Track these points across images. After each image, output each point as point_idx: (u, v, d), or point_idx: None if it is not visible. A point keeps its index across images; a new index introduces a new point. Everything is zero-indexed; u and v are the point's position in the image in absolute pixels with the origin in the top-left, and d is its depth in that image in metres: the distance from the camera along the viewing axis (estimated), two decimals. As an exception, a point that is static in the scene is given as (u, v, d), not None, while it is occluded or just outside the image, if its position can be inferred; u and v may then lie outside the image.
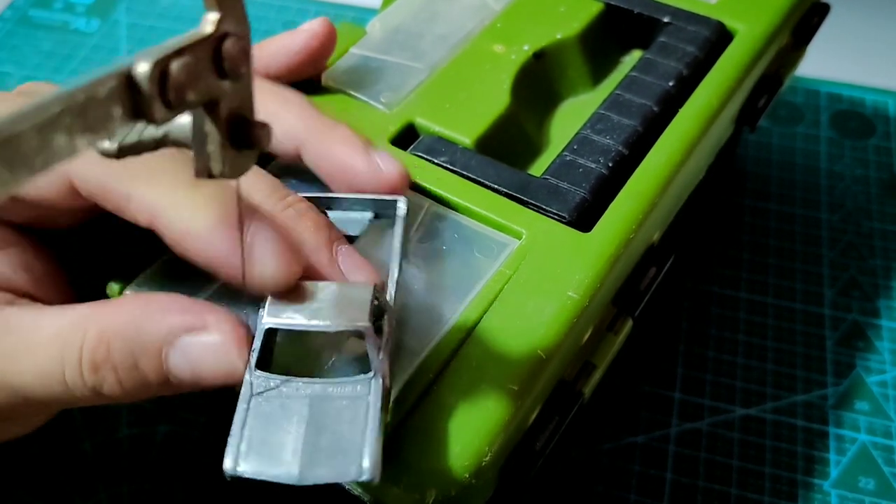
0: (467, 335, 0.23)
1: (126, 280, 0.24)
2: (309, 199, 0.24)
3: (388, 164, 0.24)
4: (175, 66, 0.14)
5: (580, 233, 0.25)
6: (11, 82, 0.48)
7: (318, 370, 0.21)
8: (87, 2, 0.54)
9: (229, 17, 0.15)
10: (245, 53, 0.16)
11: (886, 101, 0.47)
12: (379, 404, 0.19)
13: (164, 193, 0.20)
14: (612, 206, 0.26)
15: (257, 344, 0.20)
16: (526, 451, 0.22)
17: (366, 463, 0.18)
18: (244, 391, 0.20)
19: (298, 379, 0.20)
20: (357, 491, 0.22)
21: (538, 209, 0.26)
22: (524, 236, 0.25)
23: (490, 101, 0.29)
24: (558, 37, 0.32)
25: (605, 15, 0.33)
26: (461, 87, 0.30)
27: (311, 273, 0.22)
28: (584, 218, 0.26)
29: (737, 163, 0.43)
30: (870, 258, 0.39)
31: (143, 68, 0.14)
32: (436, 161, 0.27)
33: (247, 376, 0.20)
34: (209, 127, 0.15)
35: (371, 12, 0.49)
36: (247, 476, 0.18)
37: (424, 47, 0.31)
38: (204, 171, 0.16)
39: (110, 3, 0.54)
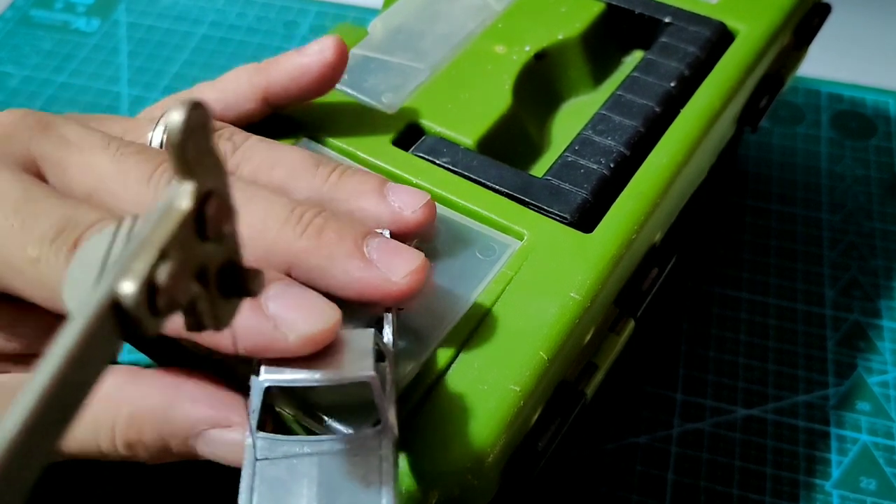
0: (469, 336, 0.23)
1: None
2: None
3: (409, 204, 0.23)
4: (161, 274, 0.13)
5: (582, 233, 0.25)
6: (11, 82, 0.48)
7: (320, 422, 0.21)
8: (88, 2, 0.54)
9: (203, 176, 0.14)
10: (229, 209, 0.15)
11: (887, 101, 0.47)
12: (392, 457, 0.19)
13: None
14: (613, 206, 0.26)
15: (256, 404, 0.19)
16: (528, 452, 0.22)
17: None
18: (247, 455, 0.19)
19: (303, 438, 0.19)
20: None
21: (540, 210, 0.26)
22: (526, 237, 0.25)
23: (491, 101, 0.29)
24: (560, 37, 0.32)
25: (607, 15, 0.33)
26: (463, 87, 0.30)
27: (348, 285, 0.21)
28: (585, 219, 0.26)
29: (738, 163, 0.43)
30: (871, 258, 0.39)
31: (128, 290, 0.12)
32: (437, 161, 0.27)
33: (248, 439, 0.19)
34: (197, 290, 0.14)
35: (372, 12, 0.49)
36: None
37: (426, 48, 0.31)
38: (195, 327, 0.15)
39: (110, 3, 0.54)
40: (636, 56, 0.34)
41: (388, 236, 0.22)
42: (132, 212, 0.20)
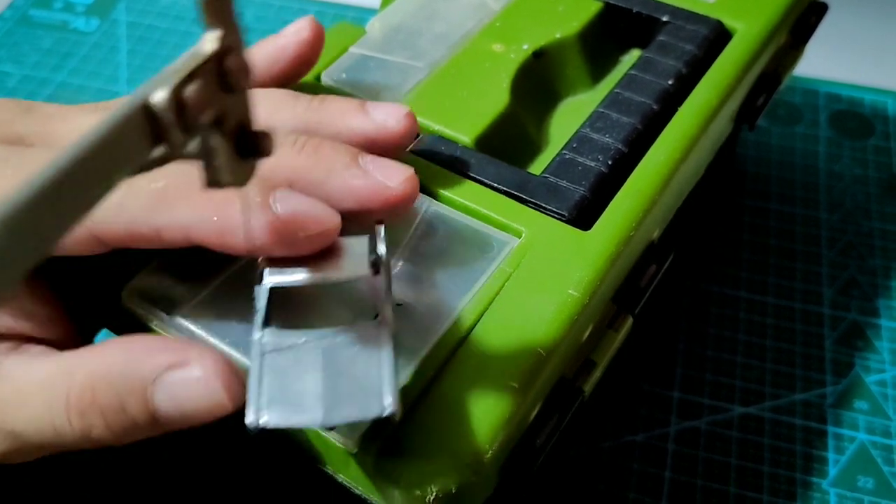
0: (467, 333, 0.23)
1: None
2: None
3: (391, 116, 0.25)
4: (189, 91, 0.14)
5: (580, 231, 0.25)
6: (11, 82, 0.48)
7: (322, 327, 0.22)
8: (87, 1, 0.54)
9: (227, 32, 0.15)
10: (245, 66, 0.16)
11: (885, 101, 0.47)
12: (390, 345, 0.19)
13: (189, 210, 0.21)
14: (611, 204, 0.26)
15: (262, 303, 0.20)
16: (527, 448, 0.22)
17: (387, 400, 0.18)
18: (254, 351, 0.20)
19: (306, 331, 0.20)
20: (359, 489, 0.22)
21: (538, 207, 0.26)
22: (524, 235, 0.25)
23: (489, 99, 0.29)
24: (557, 36, 0.32)
25: (605, 14, 0.33)
26: (461, 86, 0.30)
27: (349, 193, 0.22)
28: (583, 216, 0.26)
29: (736, 162, 0.44)
30: (869, 258, 0.40)
31: (160, 97, 0.14)
32: (436, 160, 0.27)
33: (255, 336, 0.20)
34: (216, 141, 0.16)
35: (371, 12, 0.49)
36: (271, 426, 0.18)
37: (424, 46, 0.31)
38: (214, 183, 0.16)
39: (110, 2, 0.54)
40: (634, 54, 0.34)
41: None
42: None
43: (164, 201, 0.21)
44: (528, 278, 0.24)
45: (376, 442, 0.20)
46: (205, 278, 0.24)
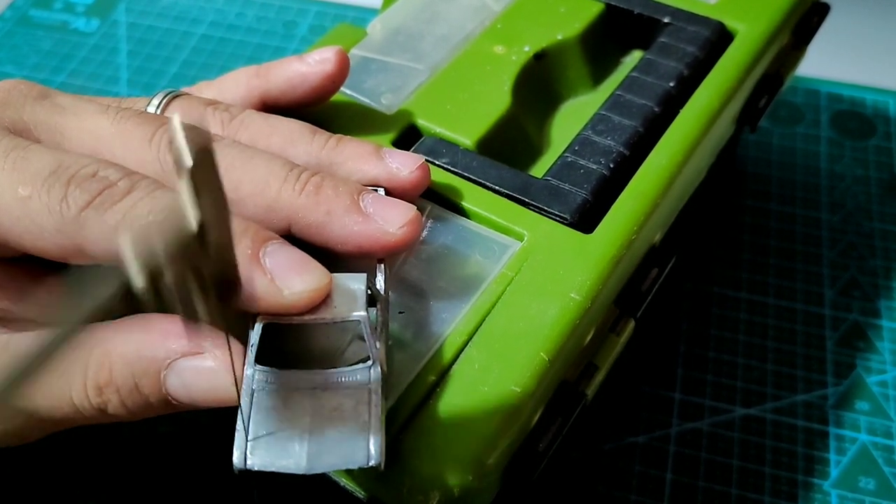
0: (470, 337, 0.23)
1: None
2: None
3: (406, 165, 0.24)
4: (168, 275, 0.14)
5: (582, 234, 0.25)
6: (11, 82, 0.48)
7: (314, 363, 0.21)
8: (87, 2, 0.54)
9: (212, 202, 0.15)
10: (230, 240, 0.16)
11: (887, 101, 0.47)
12: (380, 391, 0.19)
13: None
14: (613, 207, 0.26)
15: (255, 339, 0.20)
16: (529, 453, 0.22)
17: (372, 449, 0.19)
18: (245, 387, 0.20)
19: (298, 372, 0.20)
20: (360, 494, 0.22)
21: (540, 210, 0.26)
22: (526, 238, 0.25)
23: (491, 102, 0.29)
24: (559, 38, 0.32)
25: (606, 16, 0.33)
26: (462, 88, 0.30)
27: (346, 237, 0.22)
28: (585, 219, 0.26)
29: (737, 163, 0.43)
30: (870, 258, 0.40)
31: (139, 284, 0.14)
32: (437, 162, 0.27)
33: (247, 371, 0.20)
34: (194, 293, 0.15)
35: (371, 13, 0.49)
36: (256, 469, 0.18)
37: (425, 48, 0.31)
38: (192, 318, 0.16)
39: (110, 3, 0.54)
40: (635, 56, 0.34)
41: (384, 194, 0.24)
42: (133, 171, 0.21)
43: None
44: (530, 282, 0.24)
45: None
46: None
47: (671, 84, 0.30)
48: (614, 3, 0.33)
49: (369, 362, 0.20)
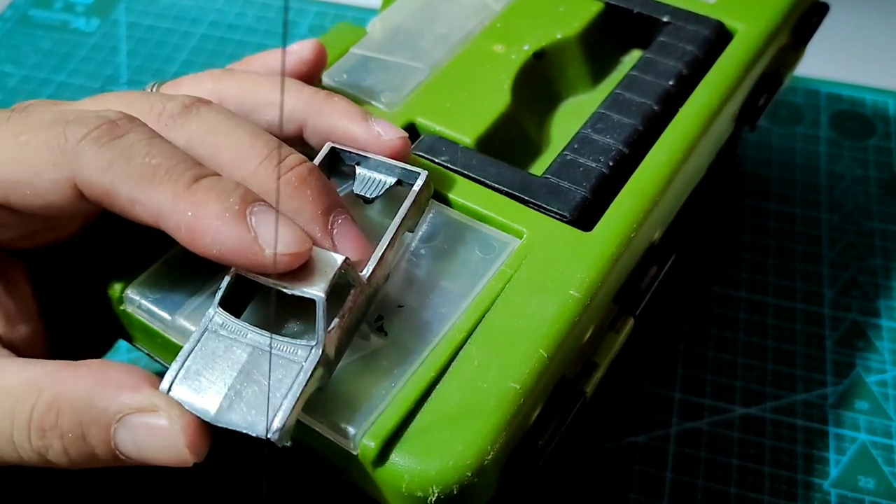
0: (469, 334, 0.23)
1: (127, 280, 0.24)
2: (338, 151, 0.25)
3: (388, 131, 0.25)
4: None
5: (581, 232, 0.25)
6: (11, 82, 0.48)
7: (274, 325, 0.22)
8: (87, 1, 0.54)
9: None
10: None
11: (886, 101, 0.47)
12: (310, 373, 0.20)
13: (167, 194, 0.20)
14: (613, 204, 0.26)
15: (224, 285, 0.21)
16: (528, 450, 0.22)
17: (275, 424, 0.19)
18: (202, 322, 0.21)
19: (251, 327, 0.21)
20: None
21: (539, 208, 0.26)
22: (525, 235, 0.25)
23: (490, 100, 0.29)
24: (558, 36, 0.32)
25: (605, 14, 0.33)
26: (462, 86, 0.30)
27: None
28: (585, 217, 0.26)
29: (737, 163, 0.44)
30: (870, 258, 0.40)
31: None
32: (437, 160, 0.27)
33: (210, 311, 0.21)
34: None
35: (371, 13, 0.49)
36: (175, 398, 0.20)
37: (425, 47, 0.31)
38: None
39: (110, 2, 0.54)
40: (634, 55, 0.34)
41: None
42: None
43: (151, 179, 0.21)
44: (529, 279, 0.24)
45: (378, 443, 0.20)
46: (206, 280, 0.24)
47: (670, 83, 0.30)
48: (614, 2, 0.33)
49: (314, 342, 0.20)
